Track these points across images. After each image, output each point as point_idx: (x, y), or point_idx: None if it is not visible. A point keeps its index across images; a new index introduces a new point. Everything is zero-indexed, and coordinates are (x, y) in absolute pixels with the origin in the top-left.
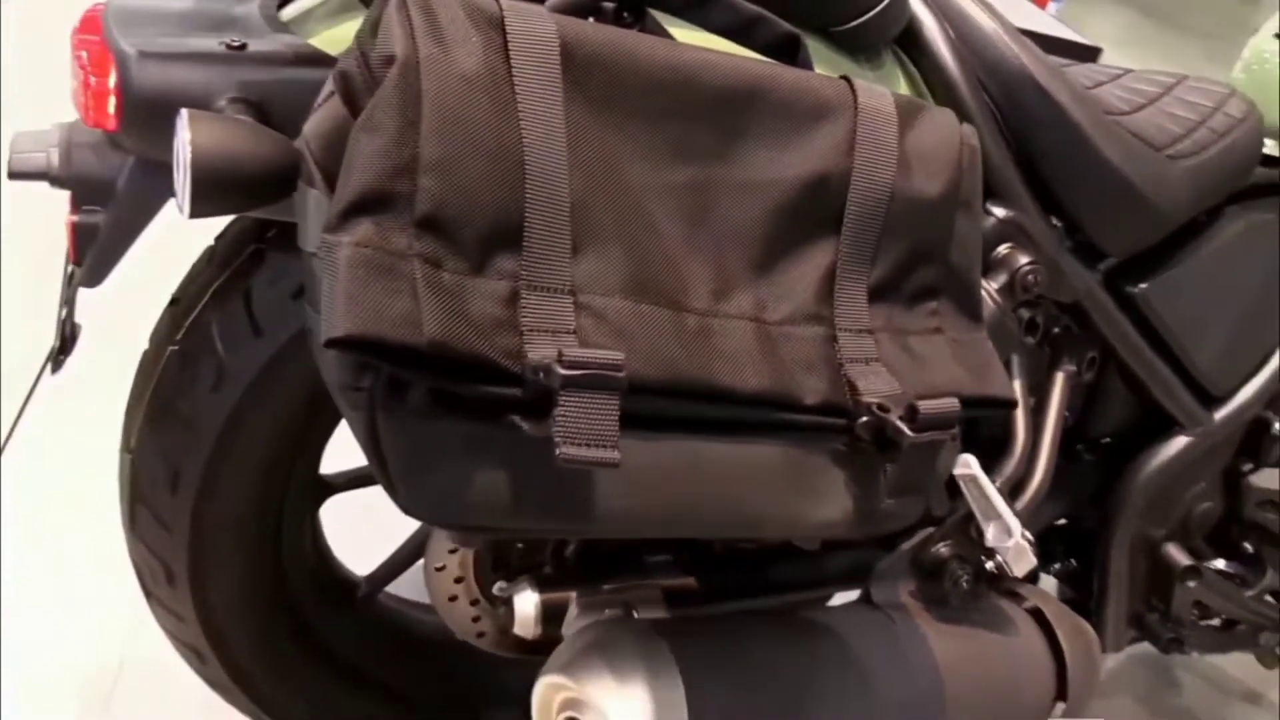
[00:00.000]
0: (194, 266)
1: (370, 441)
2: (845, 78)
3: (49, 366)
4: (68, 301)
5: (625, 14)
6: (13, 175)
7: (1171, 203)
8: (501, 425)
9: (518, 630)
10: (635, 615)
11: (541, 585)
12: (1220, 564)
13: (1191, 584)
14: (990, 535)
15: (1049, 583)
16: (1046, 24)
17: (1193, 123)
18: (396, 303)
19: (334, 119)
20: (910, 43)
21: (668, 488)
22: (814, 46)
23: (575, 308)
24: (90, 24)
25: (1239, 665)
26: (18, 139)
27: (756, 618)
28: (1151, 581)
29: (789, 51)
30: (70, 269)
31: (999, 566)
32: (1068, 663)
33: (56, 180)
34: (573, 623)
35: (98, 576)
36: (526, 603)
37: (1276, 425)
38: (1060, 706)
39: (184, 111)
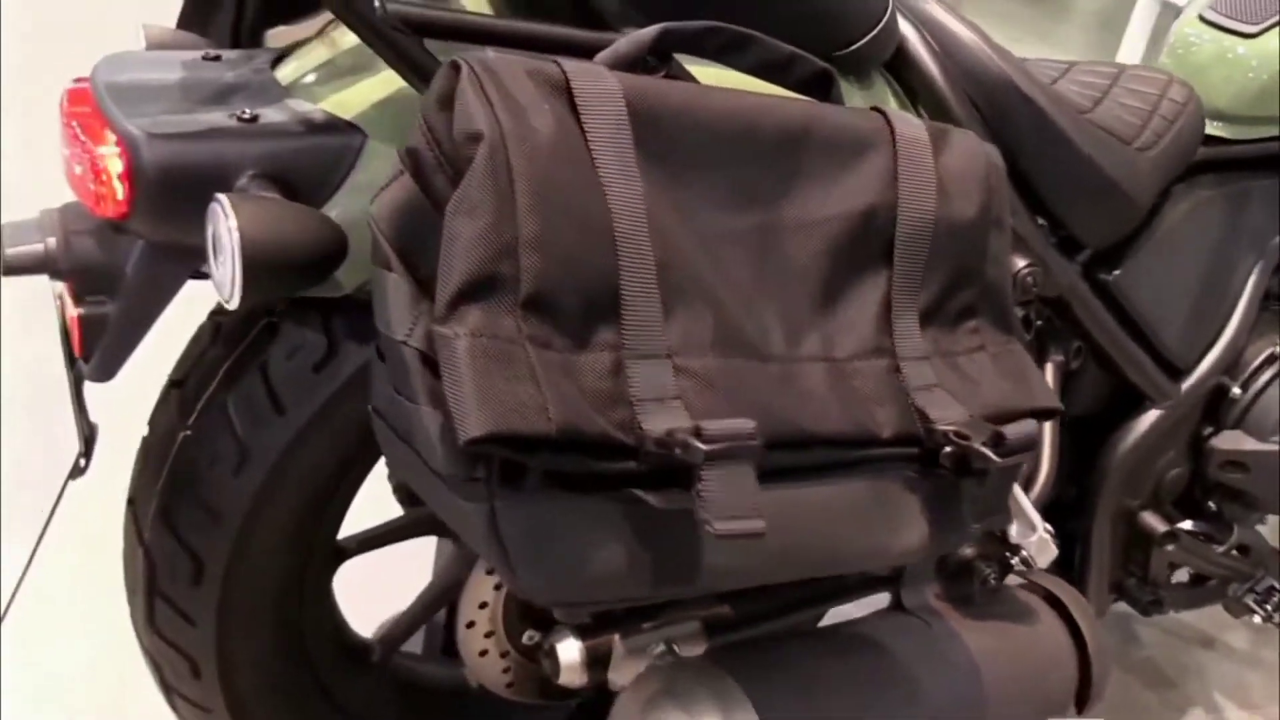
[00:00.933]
0: (194, 344)
1: (489, 530)
2: (878, 109)
3: (73, 472)
4: (78, 401)
5: (649, 60)
6: (9, 271)
7: (1143, 193)
8: (618, 499)
9: (563, 679)
10: (678, 650)
11: (582, 632)
12: (1190, 525)
13: (1169, 548)
14: (1014, 532)
15: None
16: None
17: (1145, 112)
18: (521, 393)
19: (406, 199)
20: (899, 60)
21: (771, 539)
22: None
23: (675, 371)
24: (81, 101)
25: (1197, 615)
26: (8, 230)
27: (803, 638)
28: (1130, 548)
29: (823, 87)
30: (76, 365)
31: (1024, 560)
32: (1089, 645)
33: (57, 272)
34: (620, 664)
35: None
36: (571, 651)
37: (1234, 390)
38: None
39: (222, 198)
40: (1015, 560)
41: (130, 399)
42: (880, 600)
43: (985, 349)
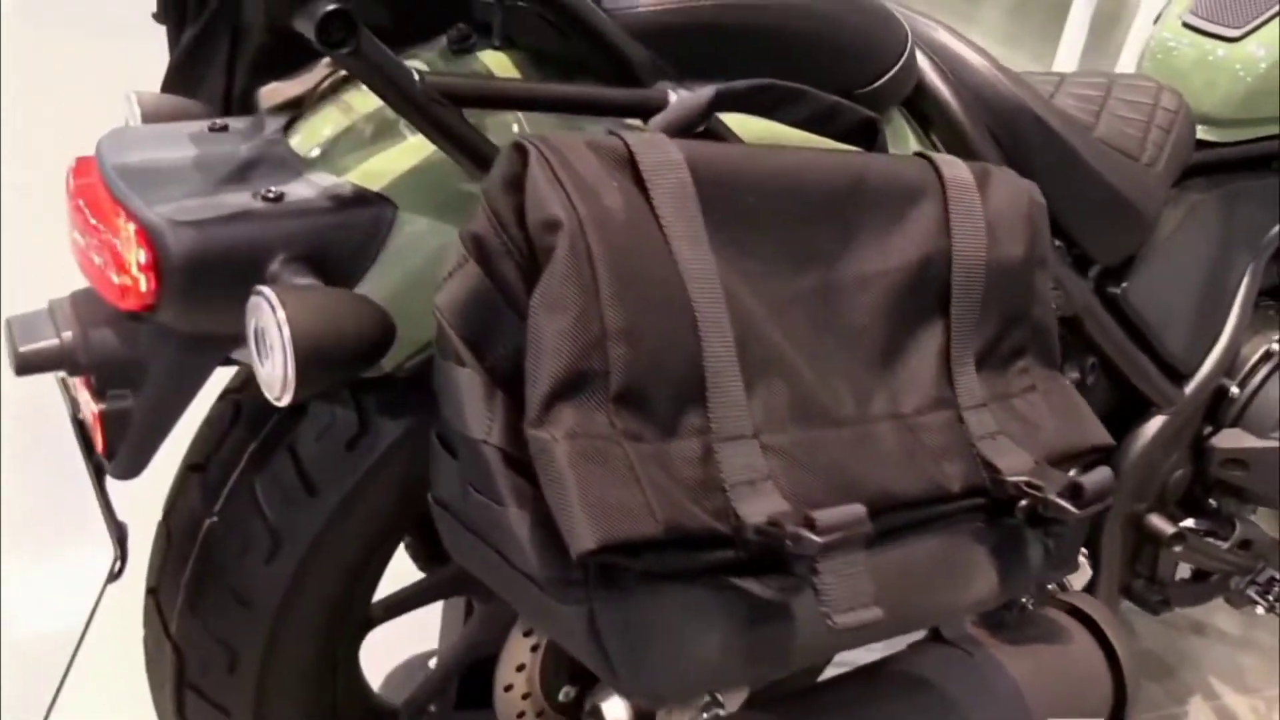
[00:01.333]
0: (212, 426)
1: (589, 633)
2: (923, 154)
3: (111, 575)
4: (104, 500)
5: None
6: (24, 370)
7: (1153, 207)
8: (716, 586)
9: None
10: (724, 702)
11: None
12: (1194, 523)
13: (1178, 549)
14: None
15: None
16: None
17: (1143, 124)
18: (625, 496)
19: (473, 288)
20: (915, 91)
21: None
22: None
23: (763, 449)
24: (87, 181)
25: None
26: (17, 326)
27: (846, 679)
28: (1138, 551)
29: (869, 136)
30: (95, 459)
31: (1057, 582)
32: (1121, 660)
33: (76, 367)
34: None
35: None
36: (617, 709)
37: (1233, 389)
38: None
39: (266, 291)
40: (1051, 584)
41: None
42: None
43: (1036, 388)
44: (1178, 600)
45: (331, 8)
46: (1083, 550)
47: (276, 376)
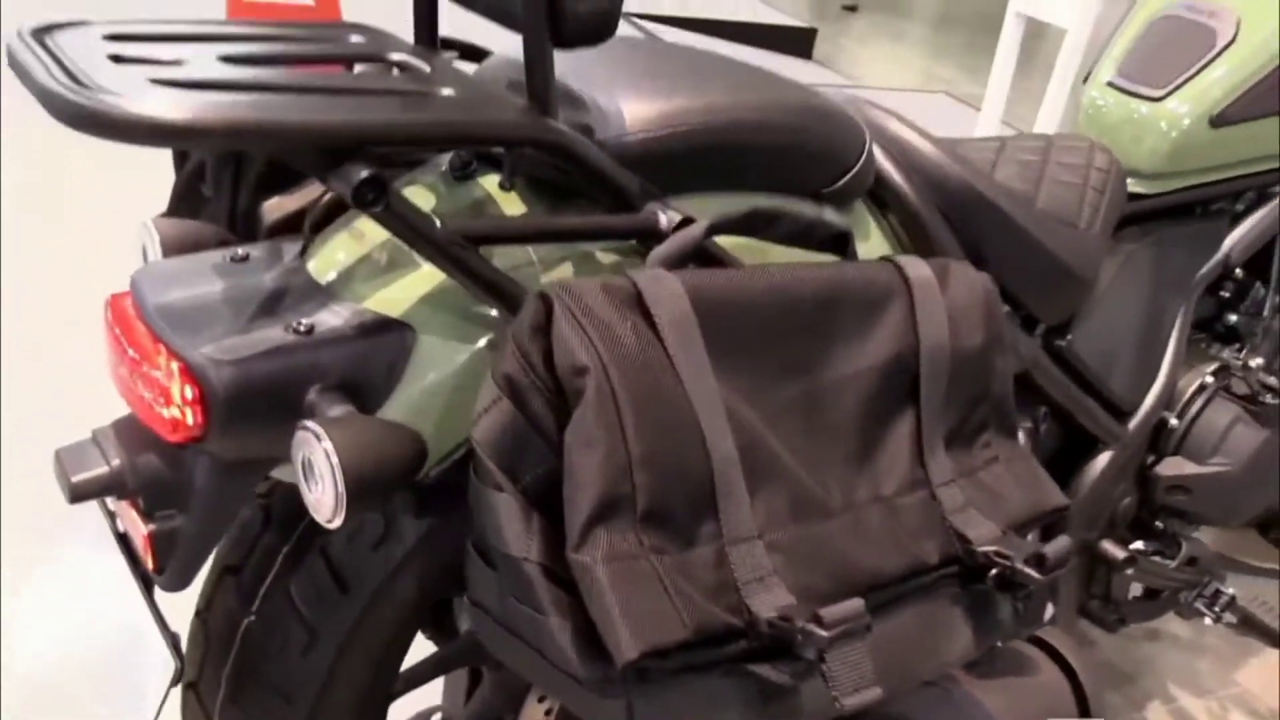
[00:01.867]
0: (243, 530)
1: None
2: (889, 257)
3: (175, 679)
4: (156, 612)
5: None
6: (77, 497)
7: (1091, 269)
8: (734, 673)
9: None
10: None
11: None
12: (1143, 546)
13: (1130, 570)
14: None
15: None
16: (762, 14)
17: (1079, 187)
18: (658, 606)
19: (507, 423)
20: (877, 184)
21: None
22: (805, 207)
23: (767, 549)
24: (126, 317)
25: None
26: (66, 457)
27: None
28: (1093, 574)
29: (841, 246)
30: (141, 572)
31: None
32: (1084, 686)
33: (124, 491)
34: None
35: None
36: None
37: (1172, 421)
38: None
39: (313, 425)
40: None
41: None
42: None
43: (999, 459)
44: (1132, 617)
45: (365, 174)
46: None
47: (327, 503)
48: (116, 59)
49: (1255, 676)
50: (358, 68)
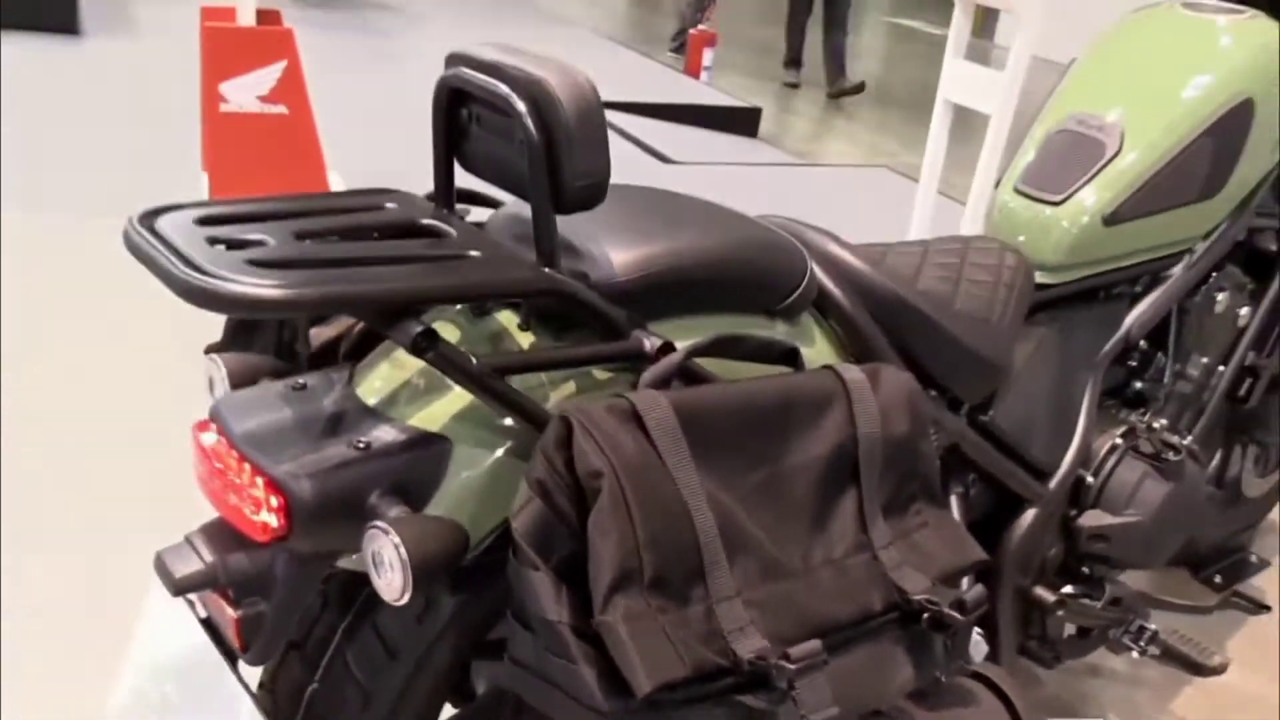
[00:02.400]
0: (305, 612)
1: None
2: (830, 366)
3: None
4: (245, 685)
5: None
6: (180, 591)
7: (1005, 356)
8: (724, 703)
9: None
10: None
11: None
12: (1071, 590)
13: (1060, 612)
14: None
15: None
16: (708, 95)
17: (992, 285)
18: (663, 651)
19: (540, 517)
20: (820, 298)
21: None
22: (761, 324)
23: (744, 605)
24: (214, 446)
25: None
26: (167, 557)
27: None
28: (1029, 617)
29: (793, 359)
30: (228, 650)
31: (964, 659)
32: (1020, 713)
33: (216, 584)
34: None
35: None
36: None
37: (1089, 479)
38: None
39: (382, 524)
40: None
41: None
42: None
43: (928, 524)
44: (1067, 654)
45: (421, 329)
46: (980, 632)
47: (395, 586)
48: (213, 241)
49: (1188, 705)
50: None
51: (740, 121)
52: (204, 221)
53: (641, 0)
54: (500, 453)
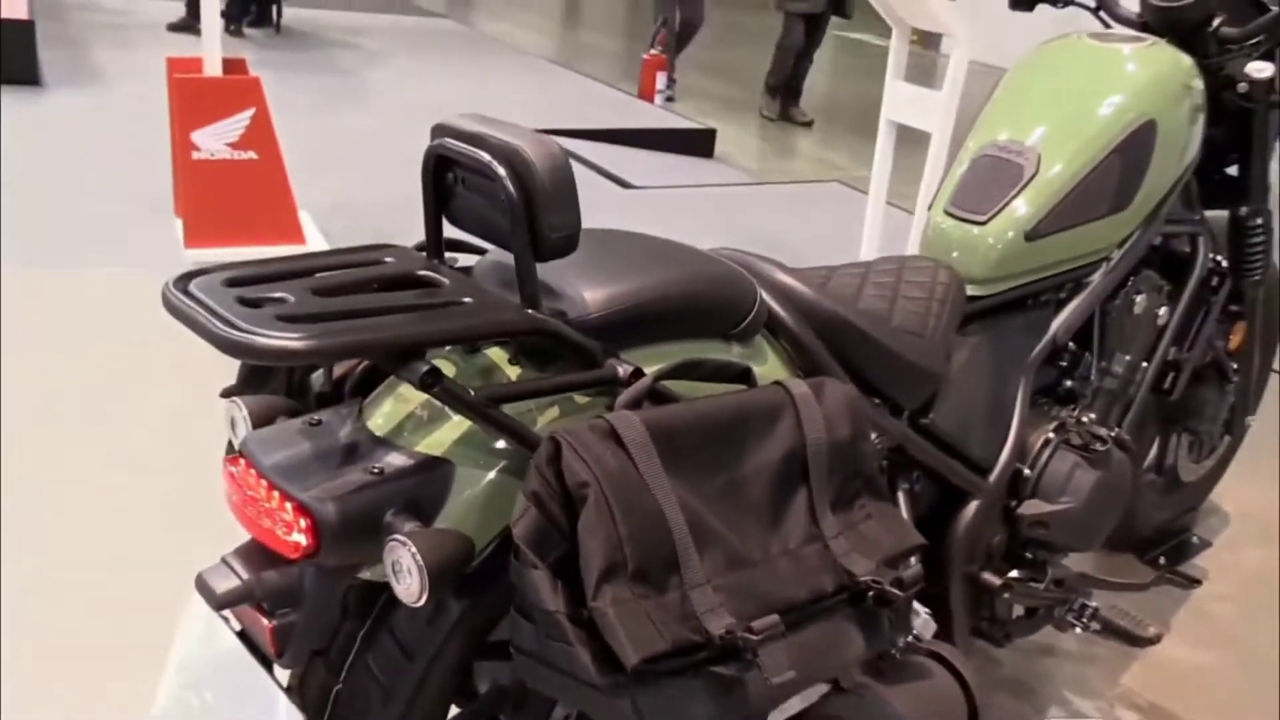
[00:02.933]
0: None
1: (634, 712)
2: (779, 382)
3: None
4: (279, 684)
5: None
6: (220, 606)
7: (939, 365)
8: (700, 674)
9: None
10: None
11: None
12: (1016, 574)
13: (1006, 595)
14: None
15: None
16: (665, 119)
17: (926, 301)
18: (646, 630)
19: (536, 524)
20: (769, 320)
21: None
22: (719, 347)
23: (713, 590)
24: (245, 473)
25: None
26: (208, 576)
27: None
28: (978, 601)
29: (747, 378)
30: (263, 657)
31: (915, 635)
32: (971, 688)
33: (253, 599)
34: None
35: None
36: None
37: (1026, 471)
38: None
39: (401, 537)
40: (909, 638)
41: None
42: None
43: (872, 515)
44: (1017, 633)
45: (426, 368)
46: (927, 611)
47: (414, 590)
48: (243, 301)
49: (1136, 677)
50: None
51: (696, 143)
52: (231, 283)
53: (592, 26)
54: (496, 472)
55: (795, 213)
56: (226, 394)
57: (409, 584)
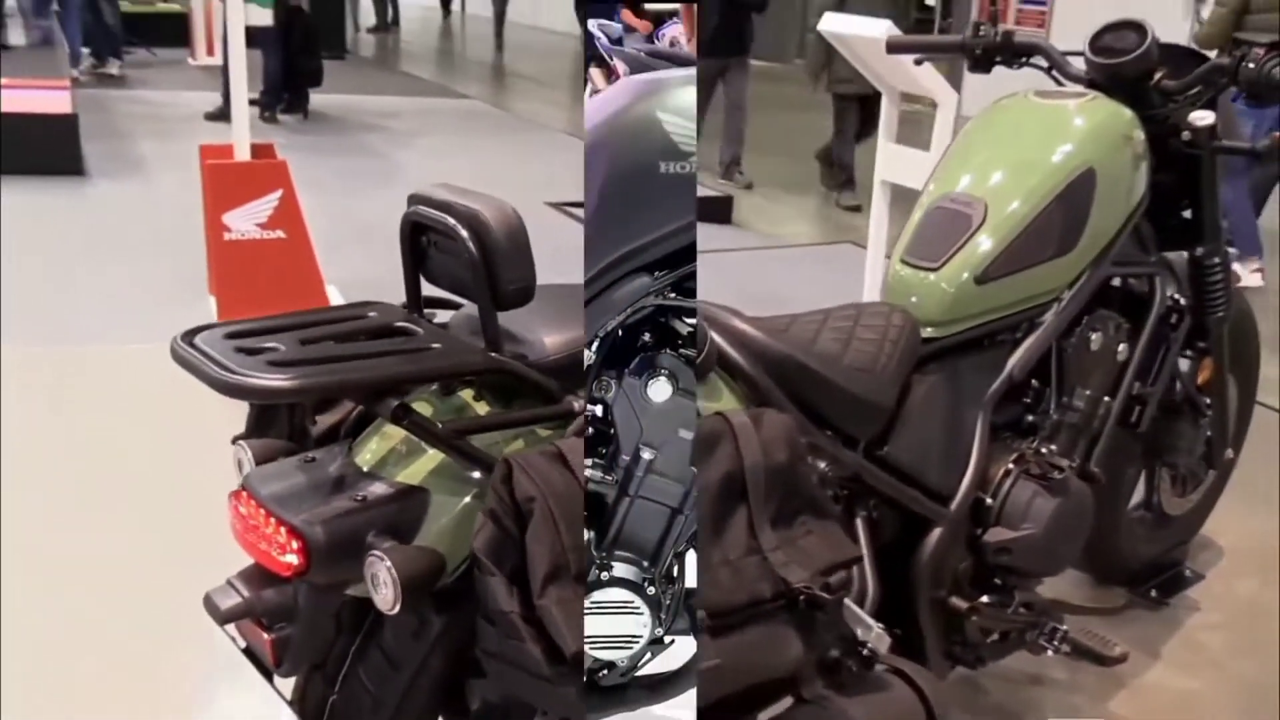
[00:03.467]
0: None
1: (579, 696)
2: (720, 413)
3: None
4: (279, 693)
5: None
6: (224, 621)
7: (887, 400)
8: None
9: None
10: None
11: None
12: (985, 599)
13: (974, 619)
14: (860, 633)
15: None
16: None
17: (877, 342)
18: (581, 622)
19: (492, 536)
20: (721, 361)
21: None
22: None
23: None
24: (245, 503)
25: (1026, 661)
26: (214, 595)
27: None
28: (949, 626)
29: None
30: (263, 667)
31: (871, 651)
32: (931, 702)
33: (253, 614)
34: None
35: None
36: None
37: (988, 500)
38: None
39: (378, 553)
40: (865, 652)
41: None
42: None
43: (812, 532)
44: (990, 656)
45: (397, 403)
46: (881, 626)
47: (389, 599)
48: (240, 350)
49: (1124, 703)
50: None
51: (714, 210)
52: (231, 335)
53: None
54: (468, 499)
55: (808, 272)
56: (235, 439)
57: (385, 594)
